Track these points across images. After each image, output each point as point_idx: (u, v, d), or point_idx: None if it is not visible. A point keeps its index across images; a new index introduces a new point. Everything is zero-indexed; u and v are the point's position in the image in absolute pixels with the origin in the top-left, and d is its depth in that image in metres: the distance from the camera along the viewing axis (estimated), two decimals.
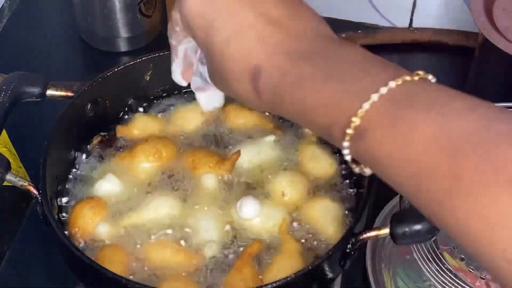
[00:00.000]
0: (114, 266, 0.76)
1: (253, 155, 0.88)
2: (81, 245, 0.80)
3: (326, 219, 0.82)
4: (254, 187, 0.86)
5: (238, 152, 0.87)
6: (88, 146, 0.89)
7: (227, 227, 0.82)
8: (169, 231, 0.81)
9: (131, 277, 0.77)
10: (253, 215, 0.82)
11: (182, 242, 0.80)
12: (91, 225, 0.81)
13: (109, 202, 0.84)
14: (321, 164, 0.87)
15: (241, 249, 0.80)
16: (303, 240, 0.81)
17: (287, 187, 0.84)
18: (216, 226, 0.81)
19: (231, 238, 0.81)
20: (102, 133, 0.90)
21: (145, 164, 0.86)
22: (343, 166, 0.88)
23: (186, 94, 0.94)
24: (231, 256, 0.80)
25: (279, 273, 0.76)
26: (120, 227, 0.82)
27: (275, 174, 0.86)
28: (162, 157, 0.87)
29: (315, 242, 0.81)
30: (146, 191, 0.85)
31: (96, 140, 0.89)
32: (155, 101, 0.94)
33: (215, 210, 0.83)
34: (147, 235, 0.81)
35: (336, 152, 0.88)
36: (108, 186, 0.85)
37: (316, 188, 0.86)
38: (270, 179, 0.86)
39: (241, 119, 0.92)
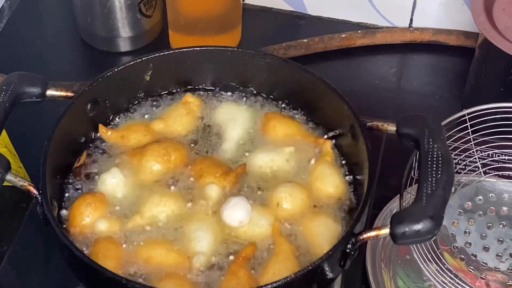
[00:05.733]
0: (108, 261, 0.77)
1: (265, 162, 0.87)
2: (84, 248, 0.80)
3: (321, 238, 0.81)
4: (252, 190, 0.85)
5: (244, 165, 0.87)
6: (76, 164, 0.88)
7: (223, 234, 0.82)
8: (164, 232, 0.81)
9: (120, 272, 0.77)
10: (239, 218, 0.81)
11: (176, 244, 0.80)
12: (89, 223, 0.81)
13: (110, 197, 0.84)
14: (326, 185, 0.85)
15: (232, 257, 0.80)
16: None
17: (283, 199, 0.83)
18: (210, 238, 0.80)
19: (224, 244, 0.81)
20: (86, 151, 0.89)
21: (153, 164, 0.86)
22: (351, 191, 0.86)
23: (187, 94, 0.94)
24: (225, 259, 0.80)
25: (275, 276, 0.76)
26: (119, 224, 0.81)
27: (278, 184, 0.85)
28: (170, 160, 0.86)
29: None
30: (149, 190, 0.85)
31: (83, 157, 0.89)
32: (155, 101, 0.94)
33: (211, 222, 0.82)
34: (143, 233, 0.81)
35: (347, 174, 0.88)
36: (112, 180, 0.84)
37: (316, 208, 0.84)
38: (271, 187, 0.85)
39: (281, 129, 0.90)
